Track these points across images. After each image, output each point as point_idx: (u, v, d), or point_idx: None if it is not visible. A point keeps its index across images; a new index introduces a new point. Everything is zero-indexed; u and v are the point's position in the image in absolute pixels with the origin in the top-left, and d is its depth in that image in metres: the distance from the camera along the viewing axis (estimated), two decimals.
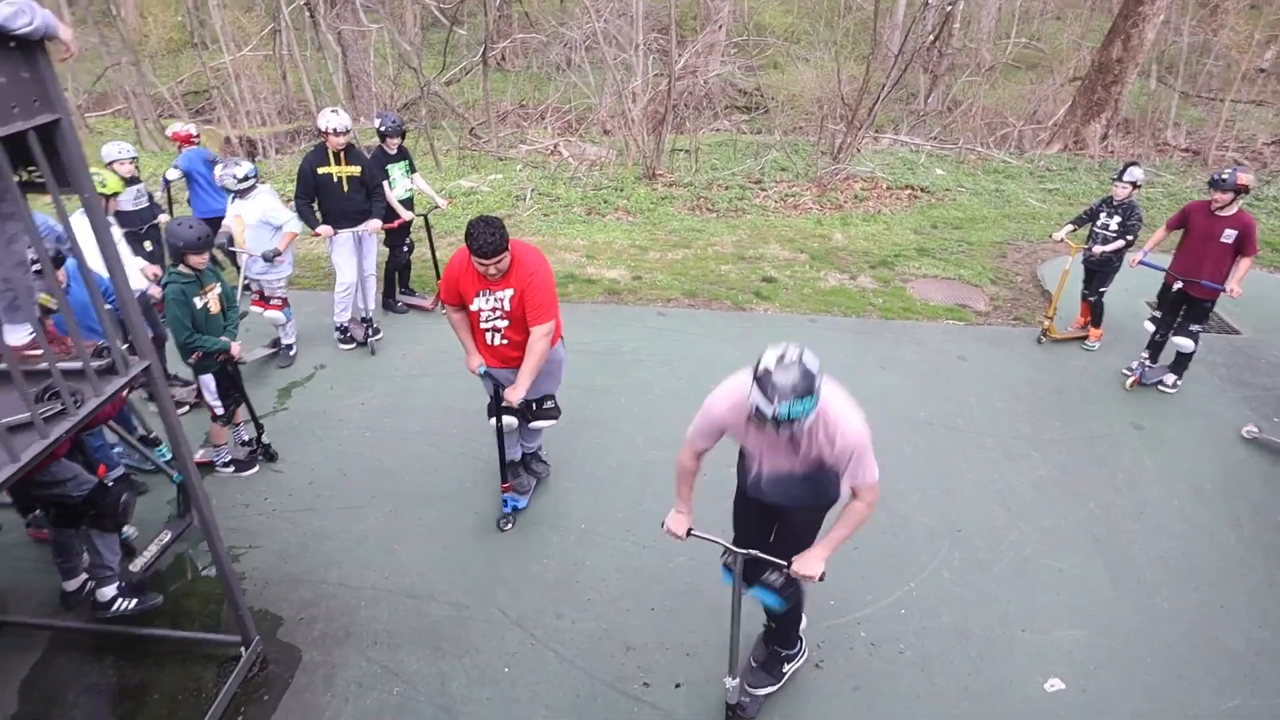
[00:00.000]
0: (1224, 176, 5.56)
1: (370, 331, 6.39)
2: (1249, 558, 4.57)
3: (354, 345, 6.47)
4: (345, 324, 6.45)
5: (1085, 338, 6.81)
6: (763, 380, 2.59)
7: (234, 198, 5.84)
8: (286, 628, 3.93)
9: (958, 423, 5.69)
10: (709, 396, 3.02)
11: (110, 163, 6.38)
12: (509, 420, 4.38)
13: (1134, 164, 6.30)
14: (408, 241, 6.91)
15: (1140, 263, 6.07)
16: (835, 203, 10.27)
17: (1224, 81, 14.09)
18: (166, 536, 4.36)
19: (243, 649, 3.65)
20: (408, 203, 6.76)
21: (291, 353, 6.30)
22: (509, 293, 4.06)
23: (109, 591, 3.80)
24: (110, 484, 3.67)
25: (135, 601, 3.84)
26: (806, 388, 2.56)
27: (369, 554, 4.39)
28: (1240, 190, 5.55)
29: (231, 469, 4.99)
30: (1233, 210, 5.63)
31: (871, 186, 10.79)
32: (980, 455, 5.35)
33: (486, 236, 3.79)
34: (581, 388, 5.91)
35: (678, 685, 3.68)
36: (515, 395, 4.10)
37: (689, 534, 3.27)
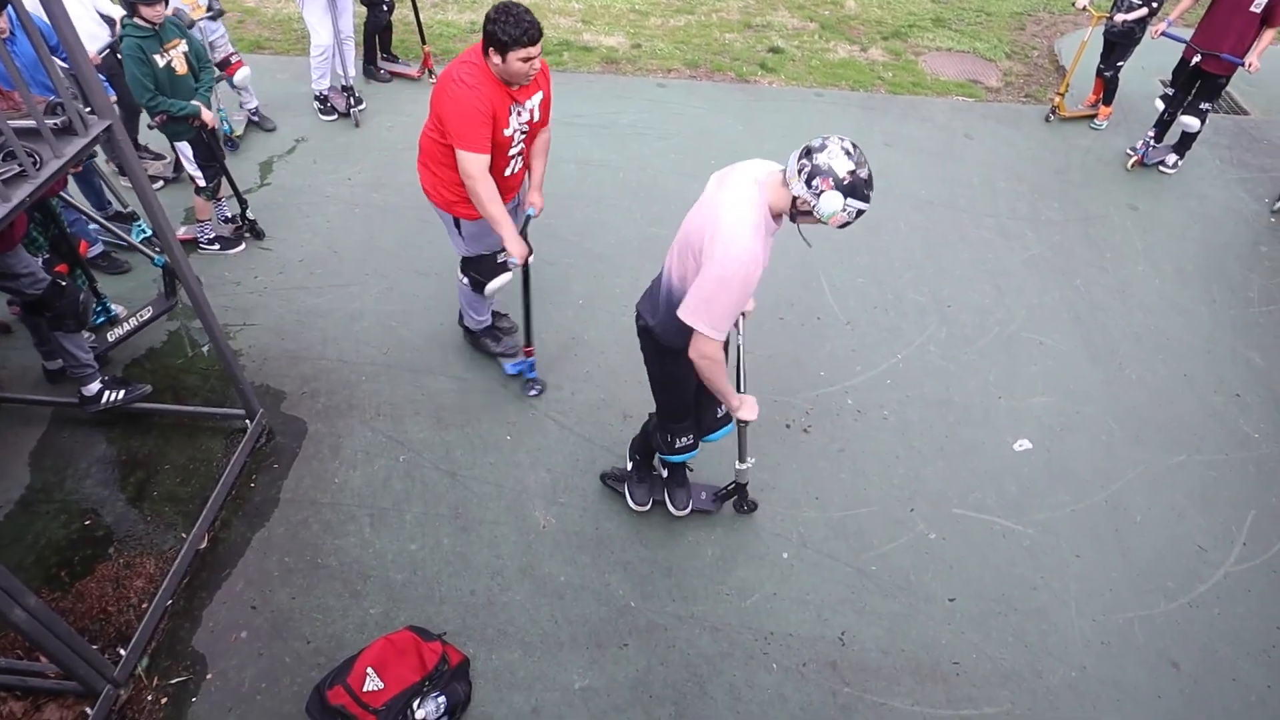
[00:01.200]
0: None
1: (352, 101, 6.04)
2: (1217, 333, 4.79)
3: (335, 116, 6.15)
4: (325, 92, 6.09)
5: (1094, 116, 6.57)
6: (855, 186, 2.32)
7: None
8: (289, 401, 4.05)
9: (959, 202, 5.64)
10: (740, 257, 2.42)
11: None
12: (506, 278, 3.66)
13: None
14: (386, 2, 6.36)
15: (1163, 34, 5.72)
16: None
17: None
18: (147, 313, 4.25)
19: (248, 421, 3.73)
20: None
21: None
22: (538, 97, 3.40)
23: (94, 386, 3.73)
24: (65, 283, 3.46)
25: (123, 393, 3.78)
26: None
27: (366, 330, 4.44)
28: None
29: (217, 246, 4.87)
30: None
31: None
32: (977, 235, 5.36)
33: (530, 18, 3.04)
34: (579, 162, 5.76)
35: None
36: (541, 201, 3.69)
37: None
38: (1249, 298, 5.06)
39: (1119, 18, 5.95)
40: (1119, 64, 6.25)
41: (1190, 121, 5.79)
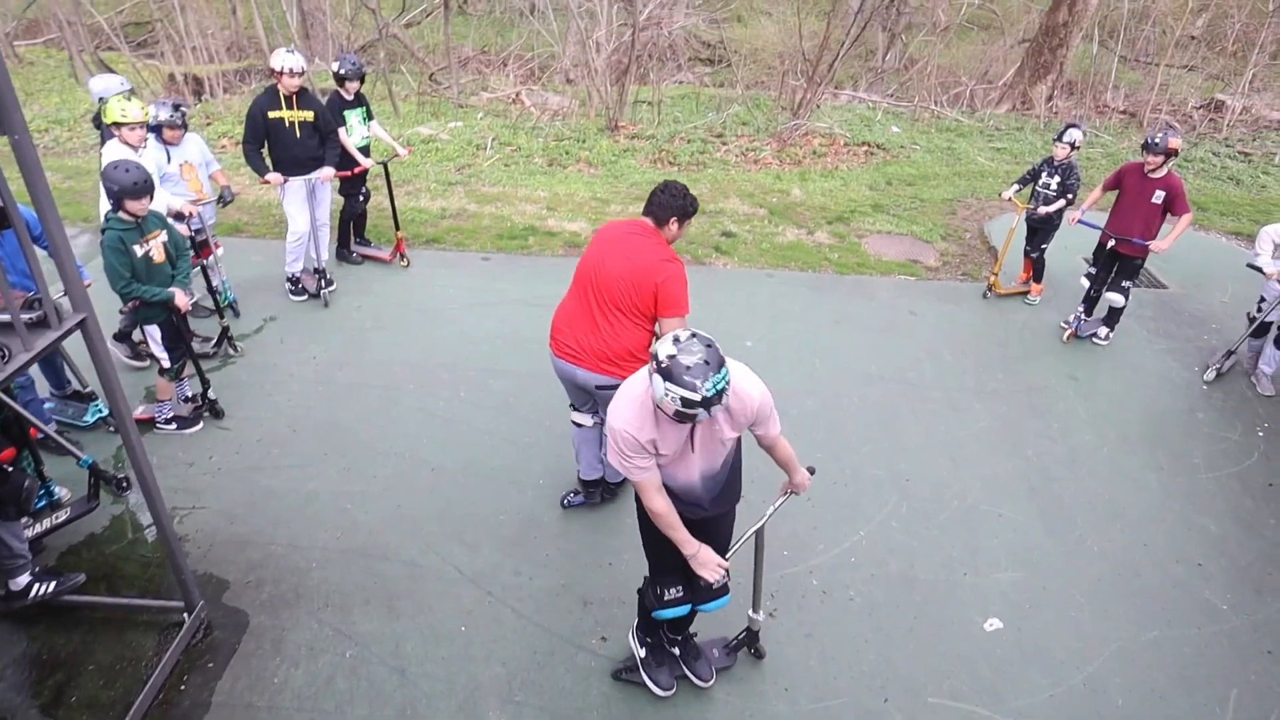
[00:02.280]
0: (1156, 140, 5.76)
1: (323, 283, 6.26)
2: (1167, 500, 4.86)
3: (306, 297, 6.34)
4: (297, 275, 6.32)
5: (1027, 292, 7.02)
6: (673, 370, 2.42)
7: (160, 142, 5.30)
8: (233, 591, 3.87)
9: (908, 376, 5.85)
10: (611, 421, 2.73)
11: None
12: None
13: (1073, 126, 6.46)
14: (364, 190, 6.74)
15: (1079, 221, 6.27)
16: (794, 158, 10.29)
17: (1159, 47, 14.36)
18: (63, 515, 3.97)
19: (185, 615, 3.54)
20: (364, 150, 6.57)
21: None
22: None
23: (22, 580, 3.55)
24: (10, 469, 3.37)
25: (54, 584, 3.62)
26: (717, 357, 2.48)
27: (320, 513, 4.34)
28: (1170, 153, 5.78)
29: (174, 426, 4.84)
30: (1163, 173, 5.86)
31: (830, 143, 10.82)
32: (927, 408, 5.52)
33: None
34: (540, 341, 5.82)
35: None
36: None
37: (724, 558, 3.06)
38: (1194, 464, 5.20)
39: (1040, 210, 6.54)
40: (1043, 246, 6.78)
41: (1114, 298, 6.24)
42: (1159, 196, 5.85)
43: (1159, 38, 14.81)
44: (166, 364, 4.66)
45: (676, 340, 2.49)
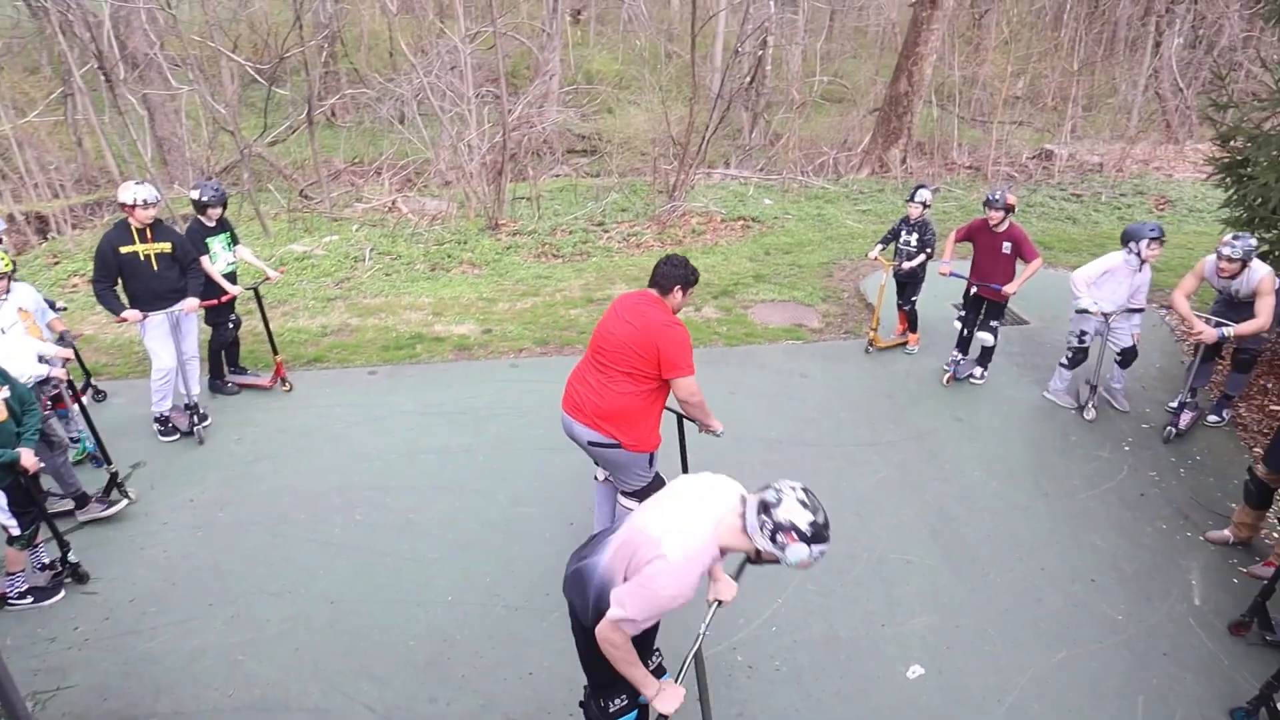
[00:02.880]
0: (995, 198, 6.34)
1: (196, 418, 5.92)
2: (1056, 524, 5.12)
3: (178, 436, 5.97)
4: (166, 413, 5.95)
5: (905, 343, 7.40)
6: (820, 531, 2.53)
7: None
8: None
9: (806, 437, 6.00)
10: (662, 584, 2.58)
11: None
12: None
13: (922, 186, 6.99)
14: (233, 318, 6.51)
15: (950, 274, 6.69)
16: (675, 238, 10.65)
17: (991, 107, 15.86)
18: None
19: None
20: (230, 277, 6.37)
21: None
22: None
23: None
24: None
25: None
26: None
27: (208, 671, 3.98)
28: (1009, 209, 6.36)
29: (30, 599, 4.35)
30: (1005, 226, 6.41)
31: (707, 220, 11.27)
32: (828, 465, 5.66)
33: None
34: (438, 451, 5.77)
35: None
36: None
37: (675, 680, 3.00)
38: (1074, 486, 5.50)
39: (903, 265, 6.98)
40: (913, 298, 7.21)
41: (985, 337, 6.69)
42: (1007, 247, 6.40)
43: (989, 99, 16.34)
44: (16, 531, 4.21)
45: (804, 505, 2.54)
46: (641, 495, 4.14)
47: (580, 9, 23.88)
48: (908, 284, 7.13)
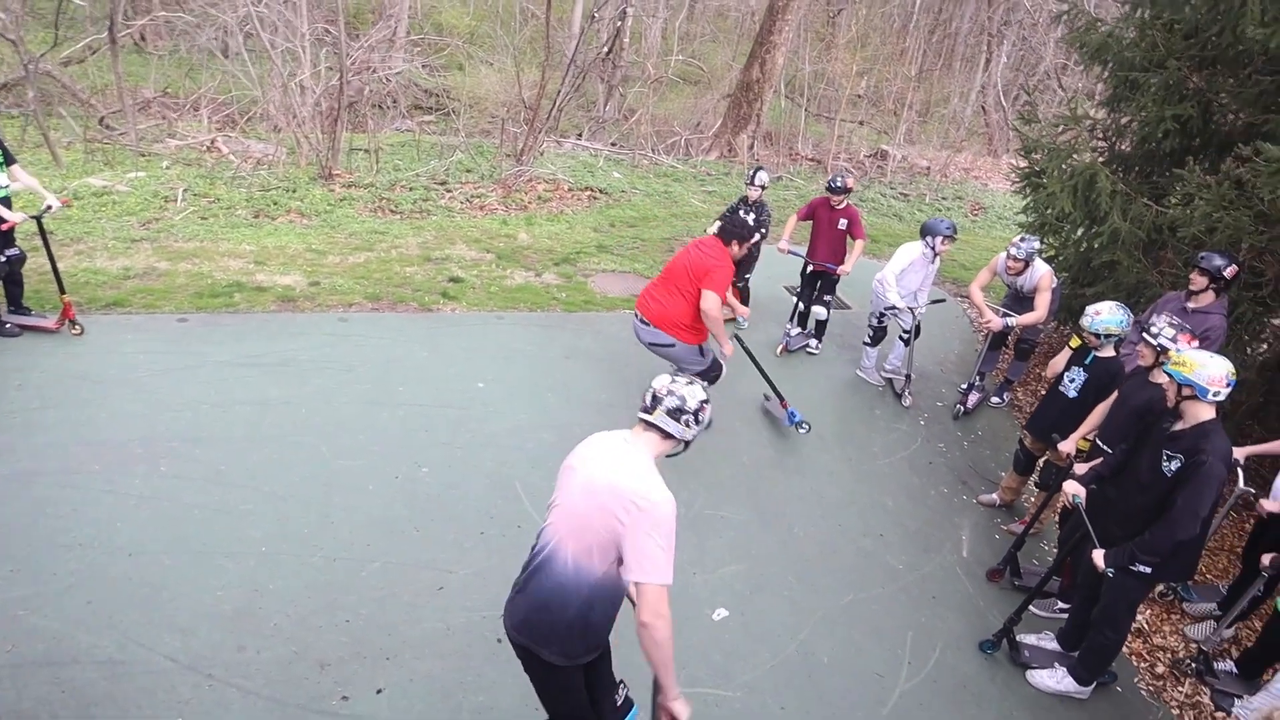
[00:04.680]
0: (838, 182, 6.95)
1: None
2: (856, 486, 5.67)
3: None
4: None
5: (735, 317, 7.80)
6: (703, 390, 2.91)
7: None
8: None
9: (634, 402, 6.12)
10: (665, 511, 2.58)
11: None
12: None
13: (761, 169, 7.40)
14: (12, 251, 5.81)
15: (789, 251, 7.23)
16: (520, 203, 10.58)
17: (836, 103, 16.89)
18: None
19: None
20: (4, 203, 5.66)
21: None
22: None
23: None
24: None
25: None
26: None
27: None
28: (847, 190, 6.98)
29: None
30: (843, 205, 7.04)
31: (554, 188, 11.27)
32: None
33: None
34: (255, 403, 5.48)
35: (379, 691, 3.63)
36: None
37: None
38: (874, 453, 6.10)
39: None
40: (746, 275, 7.61)
41: (819, 311, 7.30)
42: (843, 223, 7.02)
43: (835, 96, 17.36)
44: None
45: (688, 384, 2.87)
46: (704, 376, 5.32)
47: None
48: (742, 261, 7.50)
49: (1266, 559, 4.14)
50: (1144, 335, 4.29)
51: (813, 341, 7.47)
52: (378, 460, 5.09)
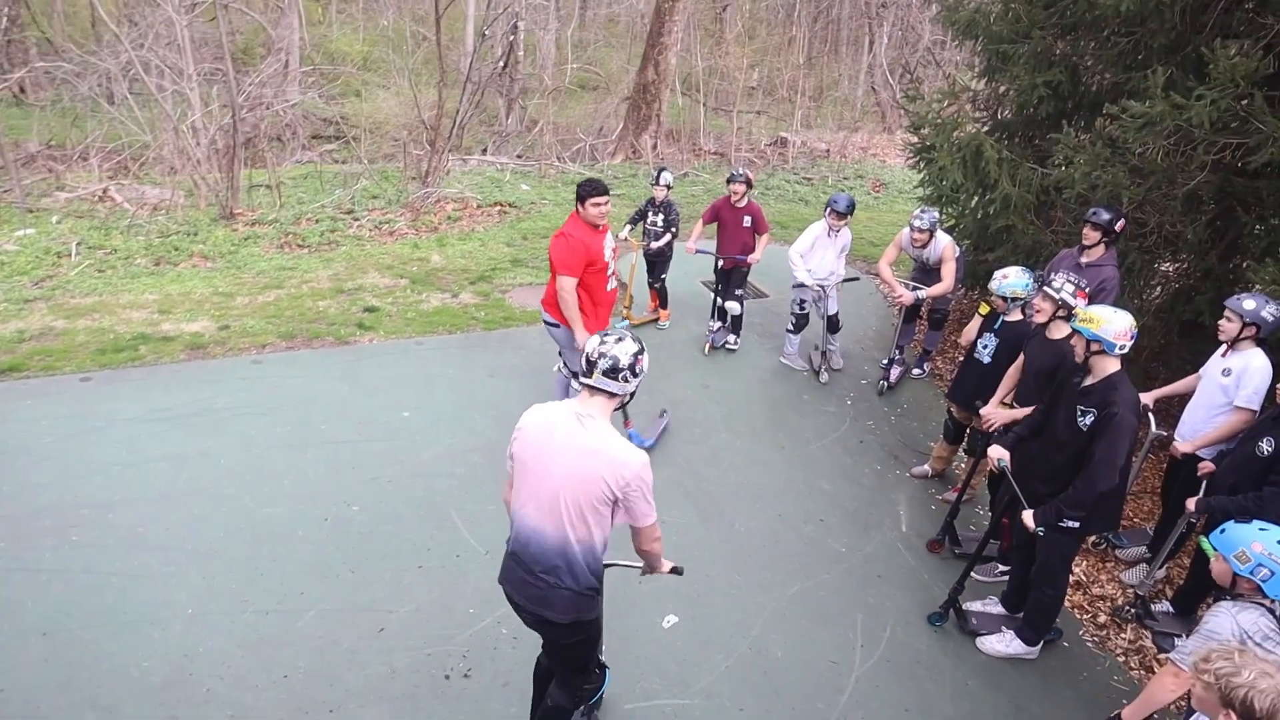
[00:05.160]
0: (738, 174, 7.01)
1: None
2: (791, 473, 5.74)
3: None
4: None
5: (657, 319, 7.86)
6: (627, 340, 2.99)
7: None
8: None
9: None
10: (644, 466, 2.86)
11: None
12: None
13: (664, 169, 7.47)
14: None
15: (697, 250, 7.23)
16: (430, 225, 10.40)
17: (732, 96, 17.18)
18: None
19: None
20: None
21: None
22: (609, 234, 5.43)
23: None
24: None
25: None
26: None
27: None
28: (749, 183, 7.06)
29: None
30: (745, 202, 7.08)
31: (463, 206, 11.13)
32: None
33: (599, 180, 5.22)
34: (170, 458, 5.24)
35: None
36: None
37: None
38: (806, 438, 6.20)
39: (652, 245, 7.40)
40: (663, 276, 7.64)
41: (732, 306, 7.30)
42: (748, 220, 7.09)
43: (730, 89, 17.64)
44: None
45: (617, 341, 2.95)
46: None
47: None
48: (656, 262, 7.56)
49: (1191, 503, 4.27)
50: (1044, 290, 4.46)
51: (731, 338, 7.49)
52: (305, 504, 4.93)
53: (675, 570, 3.31)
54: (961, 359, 5.69)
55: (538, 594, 2.92)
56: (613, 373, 2.86)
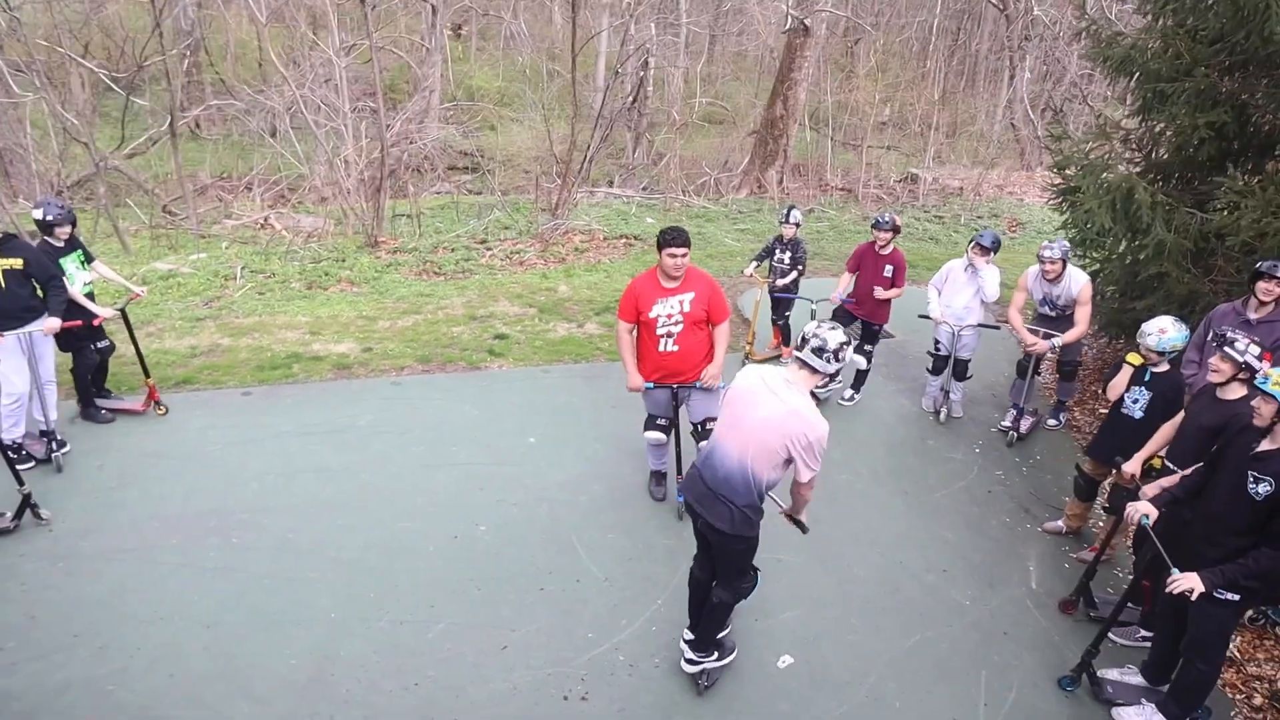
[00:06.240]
0: (885, 220, 6.68)
1: (53, 445, 5.58)
2: (913, 520, 5.57)
3: (33, 464, 5.59)
4: (18, 441, 5.58)
5: (780, 356, 7.82)
6: (840, 332, 3.57)
7: None
8: None
9: (685, 445, 6.24)
10: (823, 432, 3.54)
11: None
12: (658, 435, 5.31)
13: (793, 207, 7.46)
14: (103, 343, 6.16)
15: (842, 303, 6.92)
16: (558, 256, 10.82)
17: (862, 131, 16.98)
18: None
19: None
20: (89, 297, 6.04)
21: None
22: (689, 295, 4.89)
23: None
24: None
25: None
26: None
27: (74, 705, 3.79)
28: (896, 229, 6.72)
29: None
30: (890, 249, 6.72)
31: (590, 238, 11.51)
32: None
33: (679, 230, 4.79)
34: (317, 470, 5.67)
35: None
36: (712, 374, 5.05)
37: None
38: (930, 485, 6.01)
39: (778, 283, 7.40)
40: (786, 314, 7.65)
41: (858, 359, 6.98)
42: (889, 270, 6.70)
43: (860, 124, 17.48)
44: None
45: (830, 328, 3.58)
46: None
47: (461, 24, 23.83)
48: (781, 300, 7.56)
49: None
50: (1224, 350, 4.15)
51: (847, 393, 7.14)
52: (436, 521, 5.21)
53: (802, 527, 3.99)
54: (1105, 412, 5.39)
55: (713, 505, 3.63)
56: (819, 352, 3.47)
